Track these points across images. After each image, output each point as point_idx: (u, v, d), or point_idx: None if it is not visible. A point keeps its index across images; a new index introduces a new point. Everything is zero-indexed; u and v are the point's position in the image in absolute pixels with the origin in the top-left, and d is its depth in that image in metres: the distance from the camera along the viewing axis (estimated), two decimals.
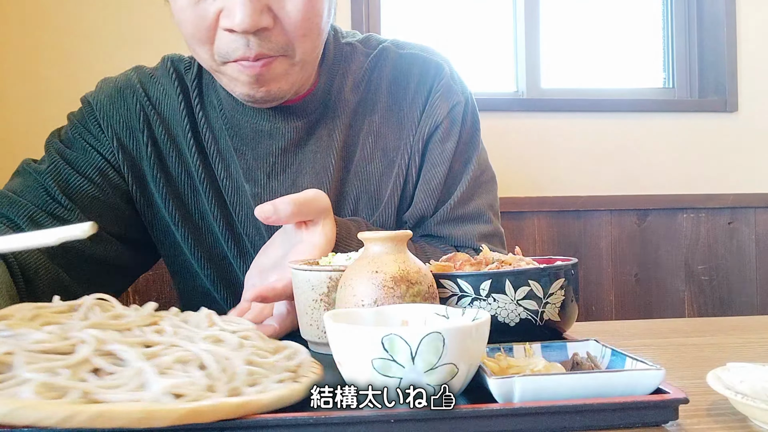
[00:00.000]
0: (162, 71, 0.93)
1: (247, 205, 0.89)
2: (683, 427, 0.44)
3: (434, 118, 0.90)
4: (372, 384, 0.42)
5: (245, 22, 0.71)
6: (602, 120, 2.06)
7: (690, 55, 2.19)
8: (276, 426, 0.41)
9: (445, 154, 0.90)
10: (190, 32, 0.76)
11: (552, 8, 2.16)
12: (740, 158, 2.10)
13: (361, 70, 0.91)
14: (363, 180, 0.90)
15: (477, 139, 0.94)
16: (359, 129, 0.90)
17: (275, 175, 0.88)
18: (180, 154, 0.90)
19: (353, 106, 0.90)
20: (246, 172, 0.89)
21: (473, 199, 0.92)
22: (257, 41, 0.74)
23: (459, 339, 0.42)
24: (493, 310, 0.56)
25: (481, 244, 0.89)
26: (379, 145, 0.90)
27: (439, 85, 0.90)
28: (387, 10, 2.09)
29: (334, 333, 0.45)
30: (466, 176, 0.91)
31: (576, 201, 2.01)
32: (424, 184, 0.90)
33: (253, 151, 0.89)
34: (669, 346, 0.71)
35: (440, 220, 0.91)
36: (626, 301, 2.04)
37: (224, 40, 0.75)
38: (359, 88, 0.91)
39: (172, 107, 0.91)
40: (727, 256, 2.08)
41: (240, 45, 0.74)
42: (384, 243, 0.55)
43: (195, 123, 0.90)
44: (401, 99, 0.91)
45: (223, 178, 0.89)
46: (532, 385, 0.43)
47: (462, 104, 0.91)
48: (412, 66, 0.92)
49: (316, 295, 0.62)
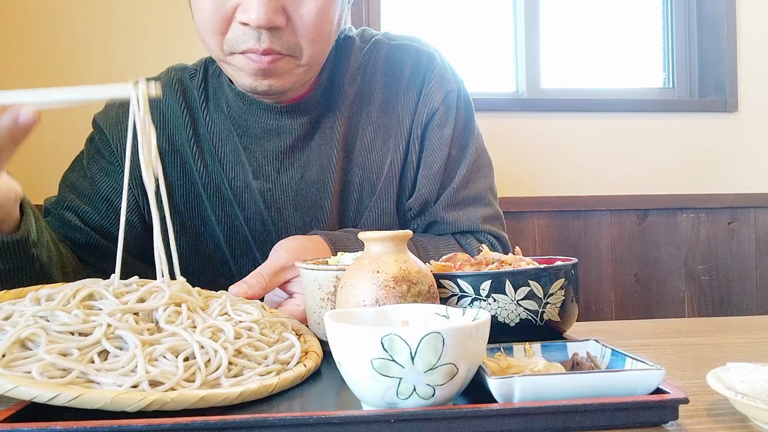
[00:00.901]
0: (165, 81, 0.95)
1: (254, 202, 0.91)
2: (683, 427, 0.44)
3: (430, 106, 0.93)
4: (371, 384, 0.42)
5: (261, 18, 0.74)
6: (602, 120, 2.06)
7: (690, 55, 2.19)
8: (276, 426, 0.42)
9: (444, 139, 0.93)
10: (205, 21, 0.79)
11: (552, 8, 2.16)
12: (740, 158, 2.10)
13: (357, 63, 0.94)
14: (365, 169, 0.93)
15: (472, 125, 0.97)
16: (358, 120, 0.93)
17: (284, 171, 0.91)
18: (184, 163, 0.92)
19: (351, 97, 0.93)
20: (255, 170, 0.91)
21: (473, 182, 0.95)
22: (269, 37, 0.76)
23: (459, 339, 0.42)
24: (493, 310, 0.56)
25: (485, 226, 0.93)
26: (378, 135, 0.93)
27: (432, 74, 0.93)
28: (387, 10, 2.09)
29: (333, 333, 0.45)
30: (465, 160, 0.94)
31: (576, 201, 2.01)
32: (425, 170, 0.93)
33: (261, 149, 0.91)
34: (669, 346, 0.71)
35: (444, 205, 0.94)
36: (626, 301, 2.04)
37: (237, 32, 0.77)
38: (355, 80, 0.94)
39: (175, 118, 0.93)
40: (727, 256, 2.08)
41: (251, 37, 0.77)
42: (384, 243, 0.55)
43: (200, 130, 0.92)
44: (396, 88, 0.94)
45: (231, 178, 0.91)
46: (532, 385, 0.43)
47: (455, 92, 0.94)
48: (405, 56, 0.95)
49: (323, 294, 0.62)
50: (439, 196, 0.94)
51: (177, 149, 0.93)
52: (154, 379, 0.46)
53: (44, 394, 0.42)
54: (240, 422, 0.41)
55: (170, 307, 0.54)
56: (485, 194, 0.97)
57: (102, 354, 0.48)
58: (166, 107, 0.94)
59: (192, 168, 0.92)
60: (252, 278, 0.72)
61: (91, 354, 0.47)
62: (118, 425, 0.41)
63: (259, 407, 0.48)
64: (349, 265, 0.59)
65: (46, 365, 0.45)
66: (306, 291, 0.65)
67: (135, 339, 0.49)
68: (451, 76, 0.95)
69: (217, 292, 0.65)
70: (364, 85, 0.94)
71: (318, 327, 0.64)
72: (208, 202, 0.92)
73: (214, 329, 0.54)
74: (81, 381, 0.45)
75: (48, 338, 0.47)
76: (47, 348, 0.46)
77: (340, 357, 0.45)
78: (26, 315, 0.50)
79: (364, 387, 0.43)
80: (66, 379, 0.44)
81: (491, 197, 0.98)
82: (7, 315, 0.51)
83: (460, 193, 0.94)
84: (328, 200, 0.91)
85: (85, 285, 0.55)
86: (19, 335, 0.47)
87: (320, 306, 0.63)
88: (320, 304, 0.63)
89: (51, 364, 0.45)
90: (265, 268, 0.73)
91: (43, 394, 0.42)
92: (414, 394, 0.42)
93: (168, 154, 0.92)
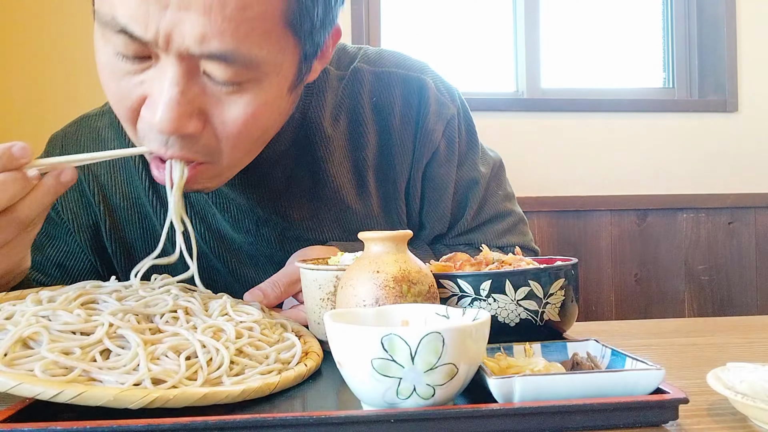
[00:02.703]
0: (109, 121, 0.83)
1: (237, 252, 0.84)
2: (683, 427, 0.44)
3: (431, 145, 0.84)
4: (371, 384, 0.42)
5: (165, 124, 0.58)
6: (602, 120, 2.06)
7: (690, 55, 2.19)
8: (276, 426, 0.42)
9: (448, 176, 0.86)
10: (114, 106, 0.64)
11: (552, 8, 2.16)
12: (740, 158, 2.10)
13: (337, 99, 0.82)
14: (371, 215, 0.85)
15: (475, 141, 0.90)
16: (354, 165, 0.83)
17: (263, 224, 0.82)
18: (143, 218, 0.83)
19: (340, 141, 0.82)
20: (233, 224, 0.82)
21: (487, 202, 0.90)
22: (178, 143, 0.61)
23: (459, 339, 0.42)
24: (493, 310, 0.57)
25: (503, 240, 0.89)
26: (377, 178, 0.84)
27: (427, 107, 0.84)
28: (387, 10, 2.09)
29: (333, 333, 0.45)
30: (476, 187, 0.88)
31: (576, 201, 2.01)
32: (431, 209, 0.87)
33: (234, 203, 0.81)
34: (669, 346, 0.71)
35: (458, 233, 0.90)
36: (626, 301, 2.04)
37: (142, 125, 0.62)
38: (339, 119, 0.82)
39: (127, 168, 0.82)
40: (727, 256, 2.08)
41: (157, 141, 0.61)
42: (384, 243, 0.55)
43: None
44: (388, 126, 0.83)
45: (202, 231, 0.83)
46: (532, 385, 0.43)
47: (455, 116, 0.86)
48: (392, 88, 0.84)
49: (323, 294, 0.62)
50: (452, 227, 0.89)
51: (133, 203, 0.82)
52: (156, 377, 0.47)
53: (47, 391, 0.42)
54: (240, 422, 0.41)
55: (170, 313, 0.55)
56: (501, 207, 0.91)
57: (104, 353, 0.48)
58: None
59: (154, 222, 0.82)
60: (267, 286, 0.69)
61: (93, 353, 0.48)
62: (118, 425, 0.41)
63: (259, 407, 0.48)
64: (349, 265, 0.59)
65: (49, 363, 0.45)
66: (306, 291, 0.65)
67: (137, 338, 0.49)
68: (447, 98, 0.86)
69: (217, 293, 0.65)
70: (353, 125, 0.83)
71: (318, 327, 0.64)
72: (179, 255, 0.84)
73: (216, 329, 0.55)
74: (83, 379, 0.45)
75: (50, 337, 0.48)
76: (49, 347, 0.46)
77: (340, 357, 0.45)
78: (28, 314, 0.50)
79: (364, 387, 0.43)
80: (68, 377, 0.45)
81: (507, 204, 0.92)
82: (9, 315, 0.51)
83: (475, 220, 0.89)
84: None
85: (87, 290, 0.56)
86: (21, 334, 0.47)
87: (320, 306, 0.63)
88: (320, 304, 0.63)
89: (53, 362, 0.45)
90: (280, 276, 0.70)
91: (47, 391, 0.42)
92: (414, 394, 0.42)
93: (123, 210, 0.82)
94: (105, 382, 0.46)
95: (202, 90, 0.59)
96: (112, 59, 0.59)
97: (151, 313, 0.54)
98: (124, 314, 0.52)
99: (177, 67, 0.57)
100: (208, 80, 0.59)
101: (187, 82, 0.58)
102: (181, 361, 0.49)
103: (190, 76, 0.58)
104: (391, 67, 0.85)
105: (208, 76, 0.59)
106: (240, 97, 0.60)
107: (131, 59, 0.58)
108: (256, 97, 0.61)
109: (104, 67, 0.61)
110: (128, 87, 0.60)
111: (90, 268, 0.85)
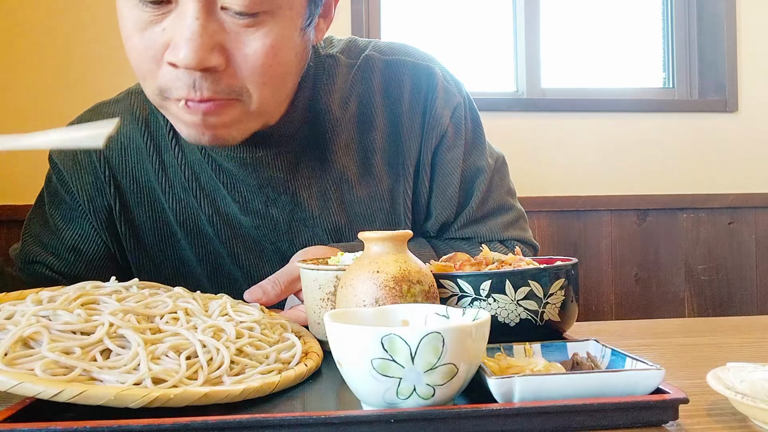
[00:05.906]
0: (124, 107, 0.86)
1: (243, 238, 0.85)
2: (683, 427, 0.44)
3: (439, 129, 0.86)
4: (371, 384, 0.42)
5: (190, 58, 0.63)
6: (602, 120, 2.06)
7: (690, 55, 2.19)
8: (276, 426, 0.42)
9: (456, 161, 0.87)
10: (137, 63, 0.68)
11: (552, 8, 2.16)
12: (740, 158, 2.10)
13: (347, 84, 0.85)
14: (376, 199, 0.86)
15: (481, 132, 0.91)
16: (361, 148, 0.85)
17: (272, 204, 0.84)
18: (153, 200, 0.85)
19: (348, 124, 0.85)
20: (242, 205, 0.84)
21: (492, 193, 0.91)
22: (205, 82, 0.65)
23: (459, 339, 0.42)
24: (493, 310, 0.57)
25: (508, 233, 0.90)
26: (385, 161, 0.86)
27: (435, 93, 0.86)
28: (387, 10, 2.09)
29: (333, 333, 0.45)
30: (482, 176, 0.89)
31: (576, 201, 2.01)
32: (439, 195, 0.88)
33: (244, 183, 0.83)
34: (669, 346, 0.71)
35: (463, 223, 0.90)
36: (626, 301, 2.04)
37: (168, 76, 0.66)
38: (348, 103, 0.85)
39: (138, 151, 0.85)
40: (727, 256, 2.08)
41: (184, 83, 0.65)
42: (384, 243, 0.55)
43: (168, 160, 0.84)
44: (397, 110, 0.86)
45: (210, 214, 0.84)
46: (532, 385, 0.43)
47: (461, 104, 0.88)
48: (402, 74, 0.87)
49: (324, 294, 0.62)
50: (458, 216, 0.89)
51: (143, 186, 0.85)
52: (156, 377, 0.47)
53: (48, 390, 0.42)
54: (240, 422, 0.41)
55: (170, 314, 0.56)
56: (504, 200, 0.92)
57: (104, 352, 0.49)
58: (126, 139, 0.84)
59: (163, 205, 0.84)
60: (268, 284, 0.70)
61: (94, 352, 0.48)
62: (118, 425, 0.41)
63: (259, 407, 0.48)
64: (349, 265, 0.59)
65: (49, 363, 0.45)
66: (306, 291, 0.65)
67: (137, 337, 0.50)
68: (454, 88, 0.88)
69: (217, 294, 0.65)
70: (362, 108, 0.85)
71: (318, 327, 0.64)
72: (186, 241, 0.85)
73: (216, 329, 0.55)
74: (84, 378, 0.46)
75: (50, 337, 0.48)
76: (50, 346, 0.47)
77: (340, 357, 0.45)
78: (28, 314, 0.50)
79: (364, 387, 0.43)
80: (69, 376, 0.45)
81: (510, 199, 0.93)
82: (9, 315, 0.51)
83: (480, 209, 0.90)
84: (326, 235, 0.85)
85: (87, 291, 0.56)
86: (21, 334, 0.47)
87: (320, 306, 0.63)
88: (320, 304, 0.63)
89: (54, 361, 0.46)
90: (281, 274, 0.71)
91: (47, 390, 0.42)
92: (414, 394, 0.42)
93: (133, 193, 0.84)
94: (105, 381, 0.46)
95: (221, 26, 0.65)
96: (134, 10, 0.65)
97: (151, 314, 0.54)
98: (125, 314, 0.53)
99: (196, 2, 0.62)
100: (226, 15, 0.64)
101: (206, 16, 0.63)
102: (181, 360, 0.49)
103: (209, 12, 0.63)
104: (401, 55, 0.88)
105: (226, 9, 0.64)
106: (257, 30, 0.66)
107: (152, 5, 0.64)
108: (272, 30, 0.66)
109: (127, 21, 0.66)
110: (152, 37, 0.65)
111: (104, 252, 0.87)
